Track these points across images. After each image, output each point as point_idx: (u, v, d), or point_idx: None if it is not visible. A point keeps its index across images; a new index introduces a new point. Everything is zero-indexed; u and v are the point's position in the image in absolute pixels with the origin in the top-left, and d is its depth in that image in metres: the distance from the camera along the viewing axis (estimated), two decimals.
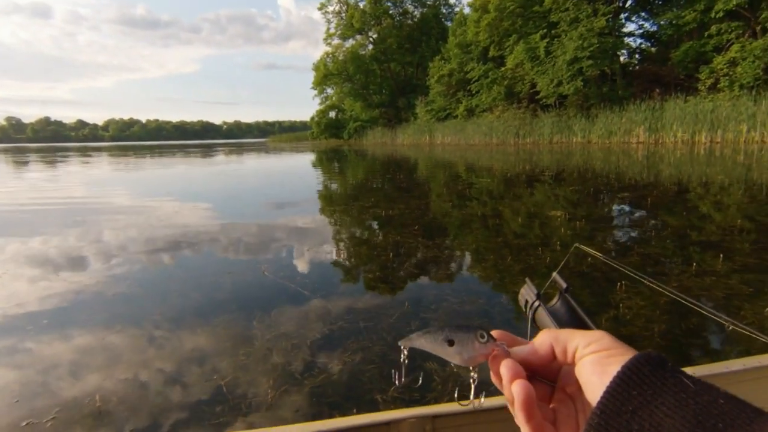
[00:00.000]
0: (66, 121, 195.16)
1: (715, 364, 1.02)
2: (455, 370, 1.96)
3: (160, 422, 1.72)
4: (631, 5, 23.58)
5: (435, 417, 0.91)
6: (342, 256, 3.99)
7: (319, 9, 44.39)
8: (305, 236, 4.67)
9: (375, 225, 5.18)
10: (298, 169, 15.74)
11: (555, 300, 0.74)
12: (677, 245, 3.80)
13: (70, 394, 1.94)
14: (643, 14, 23.97)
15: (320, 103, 49.23)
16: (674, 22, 20.70)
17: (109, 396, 1.89)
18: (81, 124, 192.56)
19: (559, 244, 3.92)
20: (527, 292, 0.77)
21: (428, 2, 44.21)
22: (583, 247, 0.96)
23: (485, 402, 0.93)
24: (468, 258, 3.81)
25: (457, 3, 44.35)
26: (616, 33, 23.13)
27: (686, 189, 7.14)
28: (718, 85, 18.39)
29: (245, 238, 4.66)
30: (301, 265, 3.68)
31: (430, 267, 3.56)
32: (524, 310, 0.77)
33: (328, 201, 7.50)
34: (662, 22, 21.89)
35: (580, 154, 16.20)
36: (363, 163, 17.40)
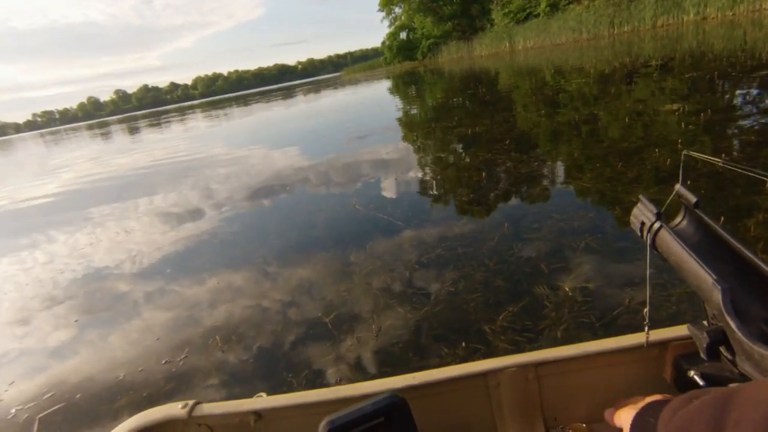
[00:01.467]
0: (161, 85, 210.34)
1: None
2: (570, 294, 1.80)
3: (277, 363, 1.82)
4: None
5: (538, 365, 0.79)
6: (431, 181, 3.85)
7: None
8: (391, 165, 4.58)
9: (461, 145, 4.91)
10: (375, 98, 15.44)
11: (680, 218, 0.61)
12: None
13: (204, 321, 2.13)
14: None
15: (389, 25, 47.06)
16: None
17: (230, 332, 2.05)
18: (173, 86, 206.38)
19: (680, 142, 3.39)
20: (643, 212, 0.63)
21: None
22: (693, 153, 0.76)
23: (591, 345, 0.78)
24: (569, 170, 3.45)
25: None
26: None
27: None
28: None
29: (333, 175, 4.70)
30: (391, 196, 3.62)
31: (527, 184, 3.29)
32: (640, 234, 0.64)
33: (410, 126, 7.26)
34: None
35: (693, 35, 13.78)
36: (440, 81, 16.55)
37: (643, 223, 0.63)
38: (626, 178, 2.90)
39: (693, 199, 0.58)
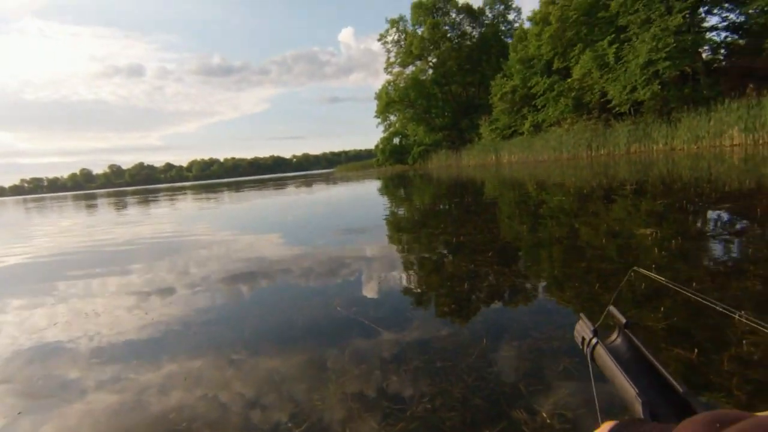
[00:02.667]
0: (156, 164, 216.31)
1: None
2: (548, 421, 1.75)
3: None
4: None
5: None
6: (414, 287, 3.87)
7: (379, 40, 45.86)
8: (375, 266, 4.62)
9: (446, 252, 5.02)
10: (365, 197, 15.96)
11: (615, 336, 0.69)
12: None
13: (157, 415, 1.97)
14: (726, 5, 22.01)
15: (384, 131, 50.27)
16: (766, 8, 18.80)
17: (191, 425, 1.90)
18: (168, 166, 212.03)
19: (654, 267, 3.53)
20: (582, 328, 0.72)
21: (486, 21, 44.08)
22: (641, 270, 0.89)
23: None
24: (549, 286, 3.52)
25: (516, 19, 43.83)
26: (696, 29, 21.44)
27: None
28: None
29: (317, 269, 4.70)
30: (373, 299, 3.61)
31: (508, 297, 3.33)
32: (581, 347, 0.71)
33: (397, 228, 7.45)
34: (751, 11, 19.95)
35: (663, 162, 14.95)
36: (429, 187, 17.30)
37: (583, 339, 0.70)
38: (604, 300, 2.97)
39: (623, 320, 0.67)
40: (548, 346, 2.40)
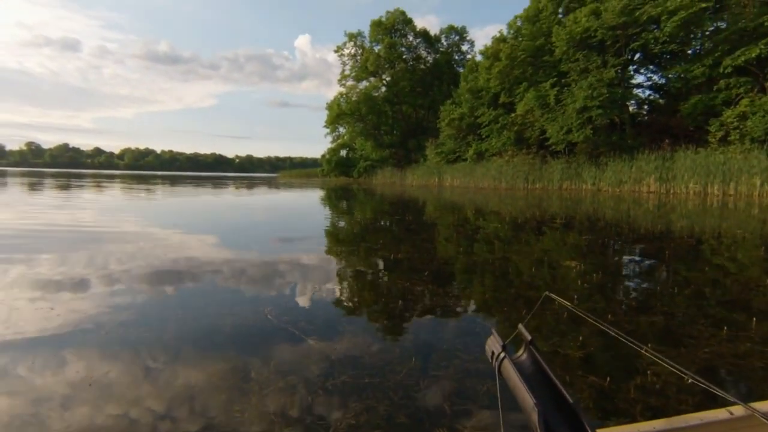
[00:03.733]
0: (84, 148, 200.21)
1: (674, 418, 1.00)
2: None
3: None
4: (639, 58, 24.10)
5: None
6: (347, 301, 3.83)
7: (336, 51, 46.12)
8: (310, 276, 4.54)
9: (383, 269, 5.04)
10: (307, 206, 15.75)
11: (521, 352, 0.74)
12: (702, 303, 3.61)
13: (59, 426, 1.77)
14: (651, 67, 24.45)
15: (332, 141, 50.18)
16: (682, 75, 21.05)
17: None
18: (98, 151, 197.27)
19: (576, 298, 3.75)
20: (493, 343, 0.77)
21: (441, 49, 45.70)
22: (552, 295, 0.96)
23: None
24: (480, 310, 3.63)
25: (469, 50, 45.84)
26: (625, 84, 23.57)
27: (700, 240, 6.96)
28: (729, 138, 18.45)
29: (250, 274, 4.53)
30: (305, 309, 3.53)
31: (440, 318, 3.39)
32: (490, 361, 0.77)
33: (336, 240, 7.39)
34: (670, 75, 22.27)
35: (590, 201, 16.10)
36: (371, 202, 17.41)
37: (493, 353, 0.76)
38: (530, 326, 3.09)
39: (528, 337, 0.72)
40: (474, 368, 2.46)
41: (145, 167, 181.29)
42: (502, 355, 0.74)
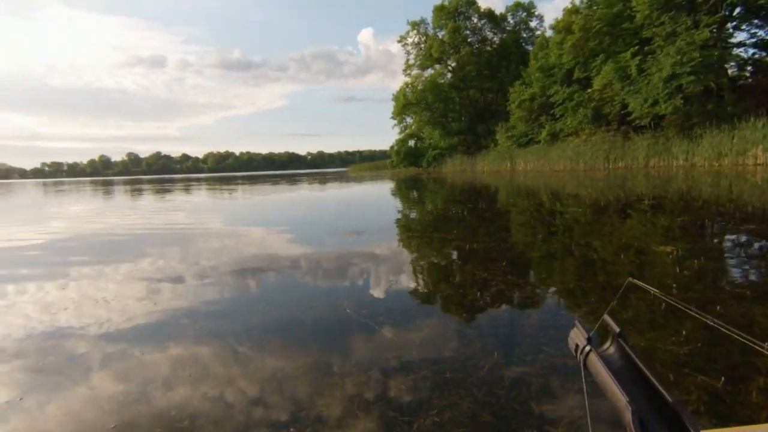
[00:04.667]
0: (173, 155, 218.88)
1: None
2: None
3: None
4: (740, 13, 21.34)
5: None
6: (425, 294, 3.80)
7: (399, 41, 45.88)
8: (386, 269, 4.56)
9: (458, 260, 4.94)
10: (379, 197, 15.90)
11: (608, 344, 0.70)
12: None
13: (161, 404, 1.93)
14: (756, 21, 21.56)
15: (399, 132, 50.21)
16: None
17: (183, 425, 1.85)
18: (185, 157, 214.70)
19: (675, 288, 3.41)
20: (577, 335, 0.74)
21: (508, 28, 43.82)
22: (637, 281, 0.89)
23: None
24: (565, 301, 3.43)
25: (538, 26, 43.51)
26: (723, 44, 21.03)
27: None
28: None
29: (327, 268, 4.65)
30: (383, 303, 3.54)
31: (522, 310, 3.24)
32: (575, 354, 0.73)
33: (408, 231, 7.38)
34: None
35: (683, 178, 14.67)
36: (442, 191, 17.20)
37: (577, 345, 0.72)
38: (620, 318, 2.86)
39: (617, 329, 0.68)
40: (561, 363, 2.31)
41: (227, 168, 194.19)
42: (588, 348, 0.69)
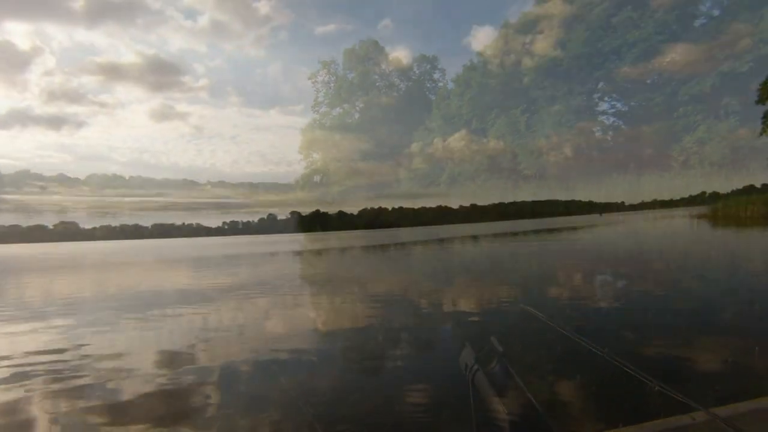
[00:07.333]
0: None
1: (641, 425, 1.06)
2: None
3: None
4: (602, 87, 17.64)
5: None
6: None
7: (309, 78, 43.81)
8: None
9: None
10: None
11: (493, 363, 0.77)
12: None
13: None
14: (614, 95, 17.97)
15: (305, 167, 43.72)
16: (643, 103, 14.98)
17: None
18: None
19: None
20: (466, 356, 0.81)
21: (413, 77, 39.96)
22: (528, 308, 1.00)
23: None
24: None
25: (440, 78, 38.70)
26: (590, 112, 17.83)
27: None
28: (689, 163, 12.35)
29: None
30: None
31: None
32: (464, 373, 0.81)
33: None
34: (632, 104, 15.98)
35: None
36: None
37: (466, 365, 0.81)
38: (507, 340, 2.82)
39: (500, 349, 0.77)
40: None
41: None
42: (476, 367, 0.75)
